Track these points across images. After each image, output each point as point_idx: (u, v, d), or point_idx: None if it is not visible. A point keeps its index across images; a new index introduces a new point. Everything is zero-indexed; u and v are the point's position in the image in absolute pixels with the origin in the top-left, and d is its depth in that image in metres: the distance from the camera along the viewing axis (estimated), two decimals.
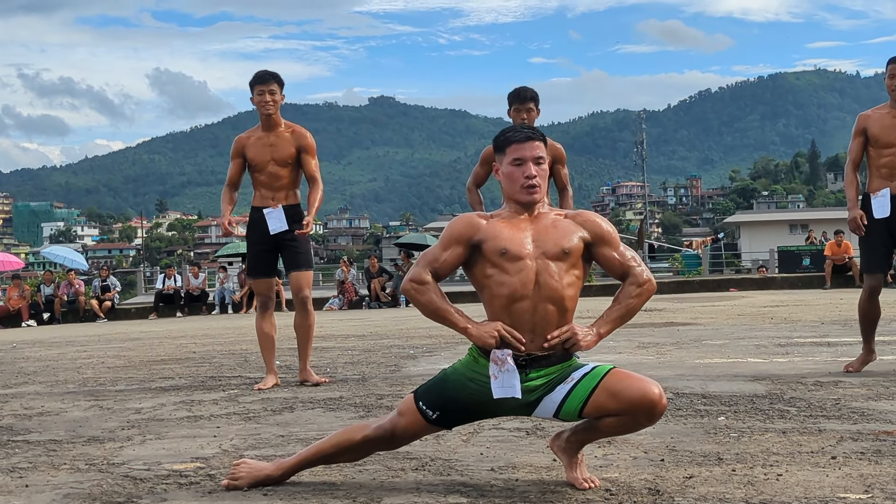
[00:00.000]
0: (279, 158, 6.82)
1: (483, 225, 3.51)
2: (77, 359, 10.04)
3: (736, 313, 13.48)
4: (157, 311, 23.27)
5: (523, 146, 3.51)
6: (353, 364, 8.08)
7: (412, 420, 3.51)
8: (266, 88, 6.77)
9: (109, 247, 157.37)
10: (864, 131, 6.45)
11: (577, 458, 3.53)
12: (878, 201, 6.35)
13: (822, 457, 3.79)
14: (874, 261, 6.51)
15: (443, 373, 3.56)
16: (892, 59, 6.41)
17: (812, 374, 6.40)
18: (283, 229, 6.79)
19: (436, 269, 3.50)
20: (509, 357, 3.37)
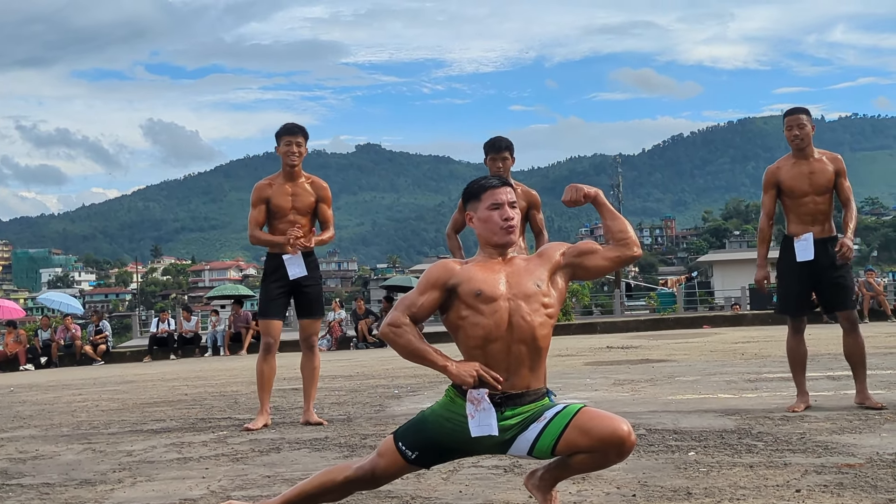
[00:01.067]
0: (300, 207, 7.04)
1: (458, 269, 3.66)
2: (72, 402, 10.13)
3: (709, 349, 13.61)
4: (152, 353, 23.33)
5: (498, 191, 3.70)
6: (338, 404, 8.20)
7: (392, 460, 3.64)
8: (294, 140, 7.01)
9: (106, 291, 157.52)
10: (777, 184, 6.67)
11: (552, 495, 3.66)
12: (801, 245, 6.56)
13: (787, 490, 3.92)
14: (792, 304, 6.71)
15: (421, 414, 3.69)
16: (787, 112, 6.70)
17: (779, 408, 6.53)
18: (302, 275, 7.00)
19: (413, 313, 3.64)
20: (486, 396, 3.50)
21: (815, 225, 6.60)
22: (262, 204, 7.06)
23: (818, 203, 6.59)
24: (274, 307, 7.07)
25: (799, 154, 6.64)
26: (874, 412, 6.12)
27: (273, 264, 7.07)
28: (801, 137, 6.58)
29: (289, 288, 7.05)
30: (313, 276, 7.08)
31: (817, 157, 6.64)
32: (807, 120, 6.63)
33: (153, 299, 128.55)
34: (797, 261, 6.59)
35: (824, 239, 6.58)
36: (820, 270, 6.57)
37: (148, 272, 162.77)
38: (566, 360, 13.04)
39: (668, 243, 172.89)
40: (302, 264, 6.99)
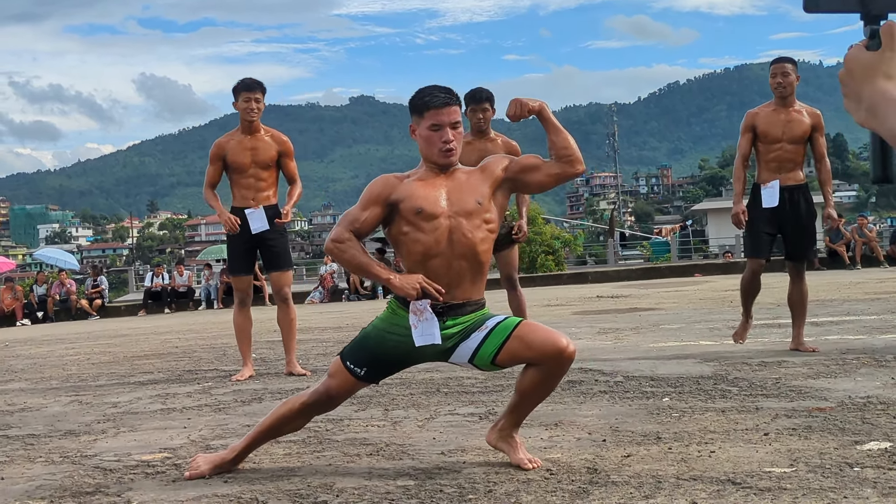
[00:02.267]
0: (261, 161, 7.05)
1: (399, 185, 3.68)
2: (64, 356, 10.22)
3: (698, 298, 13.70)
4: (146, 307, 23.47)
5: (441, 112, 3.66)
6: (324, 355, 8.28)
7: (343, 379, 3.70)
8: (253, 96, 7.02)
9: (103, 247, 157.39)
10: (753, 128, 6.81)
11: (515, 441, 3.73)
12: (767, 192, 6.72)
13: (755, 433, 3.99)
14: (757, 246, 6.84)
15: (364, 331, 3.75)
16: (774, 61, 6.84)
17: (759, 354, 6.63)
18: (264, 229, 7.04)
19: (356, 228, 3.68)
20: (428, 307, 3.58)
21: (782, 172, 6.74)
22: (218, 161, 7.09)
23: (788, 151, 6.72)
24: (241, 263, 7.15)
25: (780, 102, 6.76)
26: (852, 357, 6.20)
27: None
28: (784, 86, 6.68)
29: (253, 242, 7.10)
30: (277, 229, 7.10)
31: (797, 108, 6.77)
32: (792, 69, 6.74)
33: (150, 254, 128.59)
34: (763, 207, 6.73)
35: (791, 187, 6.72)
36: (785, 218, 6.72)
37: (144, 227, 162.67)
38: (554, 309, 13.13)
39: (664, 192, 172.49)
40: (264, 218, 7.02)
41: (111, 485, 3.70)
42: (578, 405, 4.94)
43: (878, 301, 10.98)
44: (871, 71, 1.38)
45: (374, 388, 5.91)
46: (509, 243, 7.25)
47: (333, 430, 4.61)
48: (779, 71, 6.71)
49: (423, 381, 6.15)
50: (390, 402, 5.35)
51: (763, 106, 6.91)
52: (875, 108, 1.36)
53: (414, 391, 5.72)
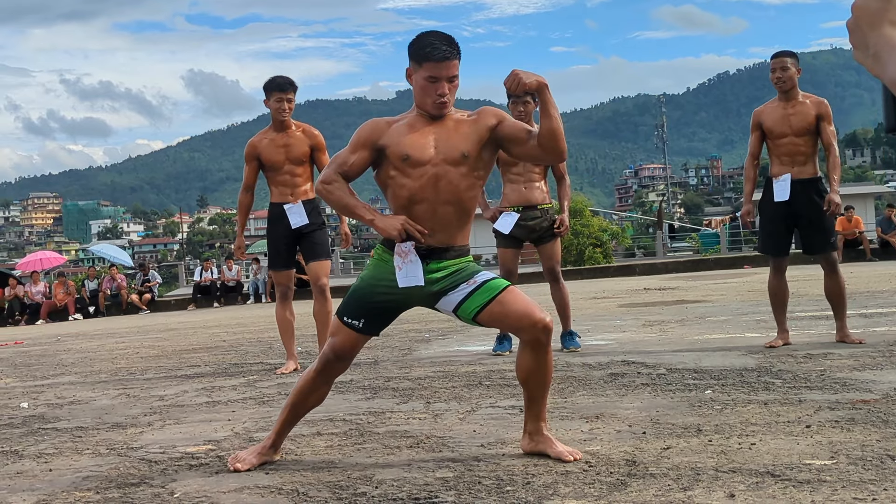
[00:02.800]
0: (294, 158, 7.13)
1: (387, 130, 3.72)
2: (114, 350, 10.37)
3: (746, 290, 13.58)
4: (196, 301, 23.71)
5: (439, 66, 3.66)
6: (368, 348, 8.32)
7: (344, 335, 3.76)
8: (285, 96, 7.10)
9: (154, 241, 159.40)
10: (760, 125, 6.83)
11: (548, 437, 3.75)
12: (779, 185, 6.72)
13: (797, 426, 3.96)
14: (772, 244, 6.82)
15: (354, 285, 3.80)
16: (774, 56, 6.84)
17: (805, 346, 6.57)
18: (304, 223, 7.10)
19: (345, 171, 3.74)
20: (412, 248, 3.64)
21: (795, 166, 6.73)
22: (253, 161, 7.20)
23: (797, 144, 6.72)
24: (281, 257, 7.23)
25: (782, 96, 6.79)
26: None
27: (275, 213, 7.20)
28: (784, 80, 6.72)
29: (293, 236, 7.18)
30: (315, 221, 7.17)
31: (801, 99, 6.77)
32: (791, 63, 6.77)
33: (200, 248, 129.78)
34: (775, 200, 6.73)
35: (804, 180, 6.71)
36: (799, 212, 6.70)
37: (195, 222, 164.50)
38: (601, 302, 13.08)
39: (714, 183, 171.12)
40: (303, 213, 7.11)
41: (155, 476, 3.76)
42: (620, 398, 4.93)
43: None
44: (878, 18, 1.39)
45: (416, 382, 5.95)
46: (551, 237, 7.24)
47: (375, 422, 4.64)
48: (778, 66, 6.75)
49: (466, 373, 6.17)
50: (432, 395, 5.38)
51: (768, 102, 6.93)
52: (879, 54, 1.37)
53: (456, 384, 5.74)
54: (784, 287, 6.83)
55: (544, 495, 3.14)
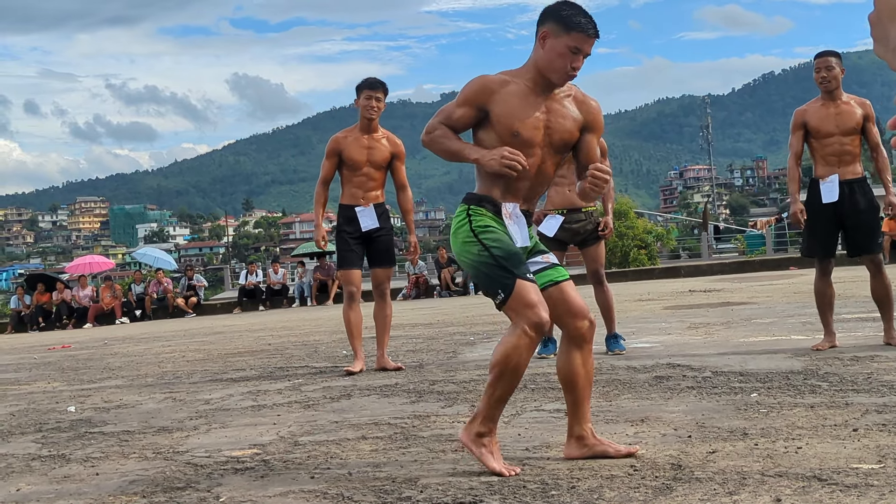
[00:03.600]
0: (375, 161, 7.21)
1: (498, 92, 3.63)
2: (160, 353, 10.48)
3: (792, 291, 13.45)
4: (241, 305, 23.89)
5: (588, 41, 3.61)
6: (414, 352, 8.34)
7: (535, 292, 3.56)
8: (374, 94, 7.16)
9: (200, 245, 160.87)
10: (804, 125, 6.74)
11: (601, 440, 3.74)
12: (827, 186, 6.64)
13: (843, 429, 3.92)
14: (819, 246, 6.72)
15: (493, 253, 3.56)
16: (818, 55, 6.72)
17: (851, 349, 6.50)
18: (374, 226, 7.20)
19: (451, 124, 3.70)
20: (517, 209, 3.68)
21: (841, 166, 6.65)
22: (335, 157, 7.22)
23: (844, 144, 6.64)
24: (351, 257, 7.26)
25: (826, 96, 6.70)
26: None
27: (346, 216, 7.25)
28: (829, 80, 6.62)
29: (362, 238, 7.22)
30: (385, 227, 7.25)
31: (845, 99, 6.69)
32: (836, 63, 6.67)
33: (246, 252, 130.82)
34: (822, 202, 6.65)
35: (850, 181, 6.63)
36: (846, 212, 6.62)
37: (240, 225, 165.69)
38: (646, 304, 13.02)
39: (759, 184, 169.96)
40: (374, 216, 7.17)
41: (201, 480, 3.79)
42: (665, 401, 4.91)
43: None
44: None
45: (461, 385, 5.96)
46: (595, 240, 7.22)
47: (420, 426, 4.65)
48: (823, 65, 6.64)
49: None
50: (477, 399, 5.37)
51: (811, 102, 6.84)
52: None
53: None
54: (830, 289, 6.77)
55: (589, 500, 3.13)
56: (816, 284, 6.79)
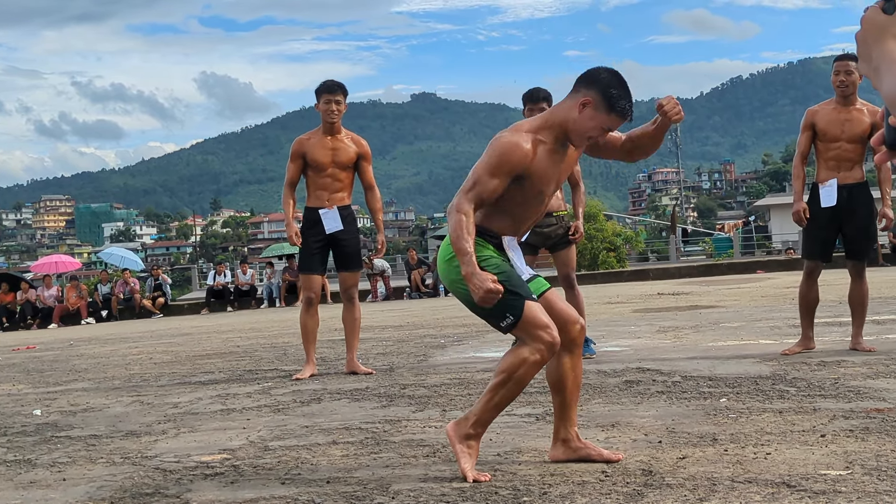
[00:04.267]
0: (340, 162, 7.16)
1: (534, 159, 3.61)
2: (127, 355, 10.40)
3: (759, 295, 13.58)
4: (209, 306, 23.76)
5: (621, 123, 3.66)
6: (384, 354, 8.33)
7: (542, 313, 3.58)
8: (333, 98, 7.11)
9: (167, 244, 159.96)
10: (813, 126, 6.72)
11: (587, 442, 3.77)
12: (826, 191, 6.65)
13: (812, 435, 3.95)
14: (815, 249, 6.76)
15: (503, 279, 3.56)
16: (838, 58, 6.73)
17: (818, 354, 6.56)
18: (338, 229, 7.14)
19: (484, 198, 3.61)
20: (514, 241, 3.76)
21: (841, 171, 6.66)
22: (299, 159, 7.18)
23: (847, 150, 6.64)
24: (313, 261, 7.20)
25: (841, 101, 6.67)
26: None
27: (310, 219, 7.20)
28: (847, 84, 6.60)
29: (326, 242, 7.18)
30: (350, 230, 7.20)
31: (859, 106, 6.66)
32: (855, 68, 6.60)
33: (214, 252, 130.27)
34: (821, 206, 6.66)
35: (850, 185, 6.63)
36: (844, 216, 6.64)
37: (208, 225, 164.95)
38: (615, 307, 13.07)
39: (727, 187, 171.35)
40: (338, 219, 7.12)
41: (170, 486, 3.76)
42: (635, 406, 4.93)
43: None
44: (883, 33, 1.40)
45: (432, 389, 5.95)
46: (566, 244, 7.24)
47: (391, 430, 4.64)
48: (842, 69, 6.61)
49: (482, 381, 6.17)
50: (448, 403, 5.38)
51: (824, 103, 6.82)
52: (879, 68, 1.37)
53: (472, 391, 5.74)
54: (815, 293, 6.77)
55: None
56: (802, 287, 6.81)
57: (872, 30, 1.41)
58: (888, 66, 1.36)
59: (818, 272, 6.79)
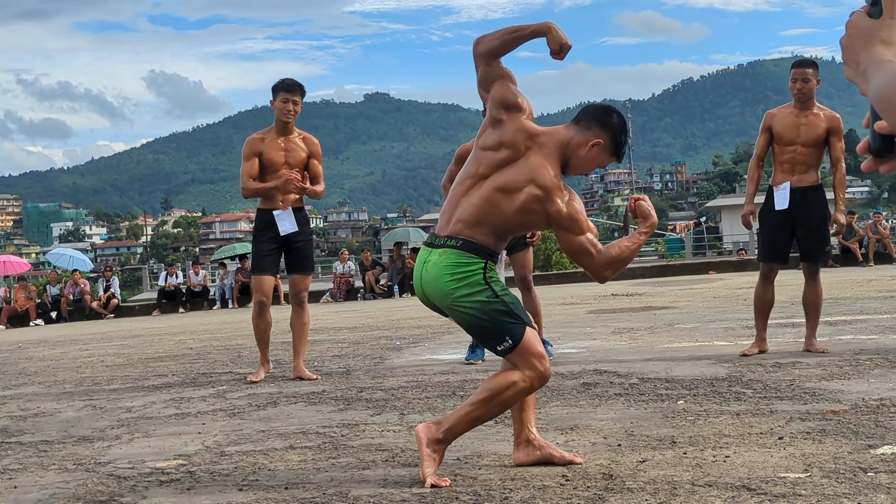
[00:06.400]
0: (293, 163, 7.06)
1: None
2: (78, 358, 10.26)
3: (712, 296, 13.69)
4: (161, 307, 23.53)
5: (614, 161, 3.75)
6: (340, 357, 8.29)
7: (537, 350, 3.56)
8: (291, 98, 7.01)
9: (117, 244, 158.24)
10: (770, 129, 6.81)
11: (548, 443, 3.77)
12: (780, 194, 6.74)
13: (769, 437, 3.97)
14: (772, 252, 6.82)
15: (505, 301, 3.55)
16: (795, 64, 6.81)
17: (773, 355, 6.60)
18: (293, 230, 7.04)
19: None
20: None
21: (796, 174, 6.74)
22: (254, 157, 7.09)
23: (802, 154, 6.73)
24: (265, 263, 7.13)
25: (798, 105, 6.76)
26: (865, 357, 6.17)
27: (263, 220, 7.11)
28: (804, 91, 6.70)
29: (280, 244, 7.09)
30: (304, 232, 7.12)
31: (815, 111, 6.75)
32: (812, 74, 6.72)
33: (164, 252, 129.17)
34: (775, 208, 6.74)
35: (804, 188, 6.72)
36: (800, 219, 6.71)
37: (159, 225, 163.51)
38: (570, 308, 13.11)
39: (678, 188, 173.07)
40: (293, 220, 7.03)
41: (125, 493, 3.70)
42: (594, 408, 4.93)
43: (892, 299, 10.94)
44: (870, 37, 1.39)
45: (389, 392, 5.92)
46: (523, 246, 7.24)
47: (349, 435, 4.61)
48: (799, 76, 6.70)
49: (439, 383, 6.15)
50: (406, 406, 5.35)
51: (782, 107, 6.92)
52: (867, 72, 1.37)
53: (430, 394, 5.72)
54: (770, 295, 6.84)
55: None
56: (757, 289, 6.87)
57: (859, 35, 1.41)
58: (876, 67, 1.35)
59: (774, 274, 6.86)
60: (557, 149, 3.64)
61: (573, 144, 3.64)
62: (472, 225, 3.58)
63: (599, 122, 3.66)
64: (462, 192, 3.66)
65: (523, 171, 3.58)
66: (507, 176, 3.59)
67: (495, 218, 3.58)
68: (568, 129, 3.68)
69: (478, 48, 3.80)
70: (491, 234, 3.60)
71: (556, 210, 3.58)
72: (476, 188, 3.63)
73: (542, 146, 3.63)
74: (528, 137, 3.64)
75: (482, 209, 3.58)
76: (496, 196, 3.58)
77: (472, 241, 3.57)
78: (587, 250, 3.63)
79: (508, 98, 3.70)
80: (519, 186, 3.57)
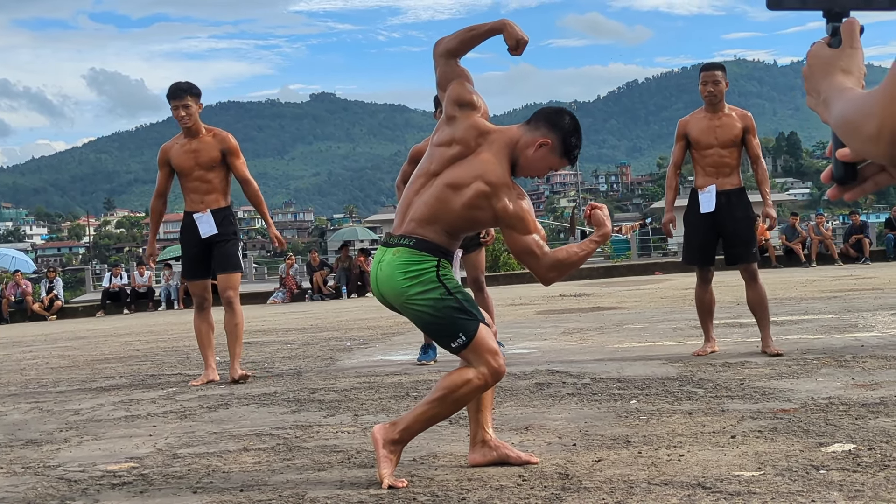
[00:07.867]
0: (204, 163, 6.95)
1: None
2: (21, 360, 10.09)
3: (659, 296, 13.82)
4: (105, 308, 23.23)
5: (568, 165, 3.76)
6: (290, 358, 8.24)
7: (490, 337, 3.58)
8: (180, 104, 6.88)
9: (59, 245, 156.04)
10: (685, 136, 6.90)
11: (503, 443, 3.78)
12: (705, 197, 6.82)
13: (722, 436, 4.01)
14: (698, 255, 6.90)
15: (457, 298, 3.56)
16: (704, 67, 6.91)
17: (722, 355, 6.67)
18: (212, 233, 6.96)
19: None
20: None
21: (719, 177, 6.81)
22: (166, 166, 7.05)
23: (723, 156, 6.81)
24: (191, 267, 7.10)
25: (709, 108, 6.85)
26: (813, 357, 6.26)
27: (186, 223, 7.06)
28: (715, 94, 6.77)
29: (204, 245, 7.03)
30: (226, 232, 7.03)
31: (727, 112, 6.84)
32: (721, 77, 6.81)
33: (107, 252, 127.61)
34: (700, 212, 6.81)
35: (728, 191, 6.81)
36: (724, 222, 6.78)
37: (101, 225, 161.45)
38: (519, 308, 13.15)
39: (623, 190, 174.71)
40: (212, 222, 6.95)
41: (76, 497, 3.65)
42: (547, 408, 4.95)
43: (835, 300, 11.11)
44: (831, 67, 1.42)
45: (342, 393, 5.90)
46: (476, 246, 7.25)
47: (303, 436, 4.58)
48: (710, 79, 6.77)
49: (392, 384, 6.14)
50: (359, 408, 5.33)
51: (694, 113, 6.99)
52: (828, 100, 1.39)
53: (383, 395, 5.71)
54: (710, 296, 6.91)
55: None
56: (697, 292, 6.94)
57: (819, 64, 1.44)
58: (837, 95, 1.38)
59: (710, 276, 6.92)
60: (507, 147, 3.66)
61: (521, 144, 3.66)
62: (425, 223, 3.59)
63: (549, 123, 3.67)
64: (414, 191, 3.67)
65: (472, 168, 3.59)
66: (457, 172, 3.60)
67: (446, 215, 3.59)
68: (519, 129, 3.71)
69: (437, 49, 3.83)
70: (443, 233, 3.61)
71: (502, 207, 3.59)
72: (428, 186, 3.64)
73: (492, 143, 3.65)
74: (479, 134, 3.65)
75: (433, 207, 3.59)
76: (446, 193, 3.59)
77: (425, 240, 3.57)
78: (532, 251, 3.63)
79: (463, 96, 3.72)
80: (467, 182, 3.58)
